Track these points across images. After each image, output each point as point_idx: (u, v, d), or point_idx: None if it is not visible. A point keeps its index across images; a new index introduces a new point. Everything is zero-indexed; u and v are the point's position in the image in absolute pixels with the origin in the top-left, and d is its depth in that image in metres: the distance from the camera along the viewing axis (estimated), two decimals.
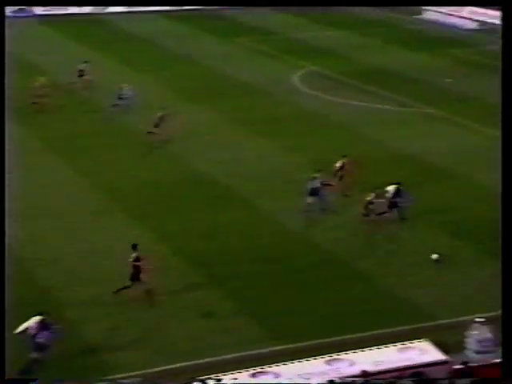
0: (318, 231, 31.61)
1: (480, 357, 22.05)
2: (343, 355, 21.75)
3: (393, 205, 31.48)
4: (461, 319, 24.15)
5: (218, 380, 20.26)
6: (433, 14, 75.10)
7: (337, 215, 32.57)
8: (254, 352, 23.00)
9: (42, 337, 22.09)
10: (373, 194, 31.24)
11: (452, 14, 74.18)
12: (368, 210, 31.14)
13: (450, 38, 67.64)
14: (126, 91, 45.52)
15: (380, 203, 31.21)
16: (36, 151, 40.00)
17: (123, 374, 21.96)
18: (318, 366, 21.22)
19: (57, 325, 22.50)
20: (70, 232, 31.15)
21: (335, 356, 21.73)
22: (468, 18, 73.23)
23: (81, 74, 50.07)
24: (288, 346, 23.24)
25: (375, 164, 36.72)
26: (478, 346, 22.29)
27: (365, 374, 20.66)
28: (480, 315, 23.23)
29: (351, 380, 20.44)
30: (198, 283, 27.20)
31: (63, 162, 38.72)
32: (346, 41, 66.46)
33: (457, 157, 39.00)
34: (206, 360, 22.69)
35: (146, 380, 21.55)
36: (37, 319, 22.25)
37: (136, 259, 25.69)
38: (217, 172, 37.10)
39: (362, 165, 33.94)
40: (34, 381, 19.66)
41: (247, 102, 48.71)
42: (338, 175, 33.74)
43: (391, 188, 31.57)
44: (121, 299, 25.82)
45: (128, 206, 33.49)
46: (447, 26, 71.91)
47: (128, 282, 25.70)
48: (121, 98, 45.43)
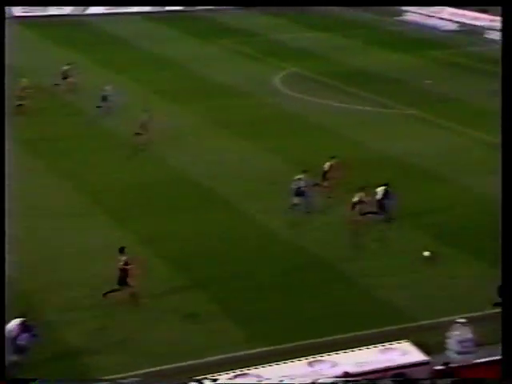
0: (303, 233, 31.73)
1: (461, 357, 22.22)
2: (325, 357, 21.82)
3: (381, 206, 31.72)
4: (442, 320, 24.26)
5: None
6: (413, 15, 75.43)
7: (321, 217, 32.72)
8: (237, 354, 23.06)
9: (23, 339, 22.02)
10: (359, 194, 31.46)
11: (432, 16, 74.58)
12: (357, 210, 31.35)
13: (430, 39, 67.96)
14: (108, 93, 45.45)
15: (367, 204, 31.40)
16: (17, 154, 39.82)
17: (110, 376, 21.98)
18: (300, 368, 21.28)
19: (38, 327, 22.46)
20: (52, 234, 31.12)
21: (318, 357, 21.82)
22: (448, 19, 73.63)
23: (64, 76, 49.95)
24: (271, 348, 23.31)
25: (357, 165, 36.83)
26: (459, 347, 22.42)
27: (347, 376, 20.78)
28: (461, 316, 23.38)
29: (333, 381, 20.56)
30: (181, 286, 27.25)
31: (45, 164, 38.66)
32: (327, 42, 66.64)
33: (439, 158, 39.16)
34: (189, 363, 22.75)
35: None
36: (18, 321, 22.15)
37: (125, 263, 25.71)
38: (199, 174, 37.15)
39: (345, 166, 34.06)
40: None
41: (229, 103, 48.77)
42: (327, 176, 33.96)
43: (380, 189, 31.80)
44: (104, 302, 25.81)
45: (110, 208, 33.49)
46: (427, 28, 72.24)
47: (116, 286, 25.71)
48: (104, 100, 45.37)
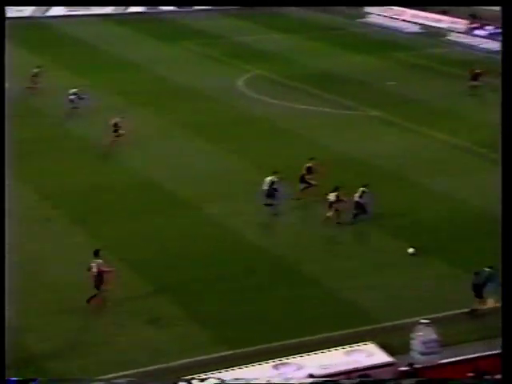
0: (267, 235, 31.77)
1: (425, 358, 22.32)
2: (290, 359, 21.84)
3: (358, 206, 31.89)
4: (406, 321, 24.37)
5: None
6: (376, 17, 75.80)
7: (286, 218, 32.79)
8: (201, 358, 22.98)
9: None
10: (332, 194, 31.58)
11: (395, 18, 75.00)
12: (334, 209, 31.55)
13: (393, 41, 68.32)
14: (74, 95, 45.40)
15: (346, 202, 31.64)
16: None
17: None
18: (265, 371, 21.26)
19: None
20: (12, 239, 30.68)
21: (283, 360, 21.80)
22: (410, 21, 74.08)
23: (33, 79, 49.72)
24: (235, 352, 23.26)
25: (322, 167, 36.89)
26: (423, 348, 22.52)
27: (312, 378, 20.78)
28: (425, 317, 23.48)
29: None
30: (145, 290, 27.06)
31: (6, 167, 38.12)
32: (291, 44, 66.69)
33: (402, 160, 39.34)
34: (155, 367, 22.63)
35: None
36: None
37: (99, 266, 25.52)
38: (163, 177, 36.97)
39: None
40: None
41: (193, 106, 48.60)
42: (309, 178, 34.16)
43: (360, 190, 31.97)
44: (66, 307, 25.63)
45: (72, 212, 33.23)
46: (391, 30, 72.60)
47: (94, 290, 25.54)
48: (72, 101, 45.35)
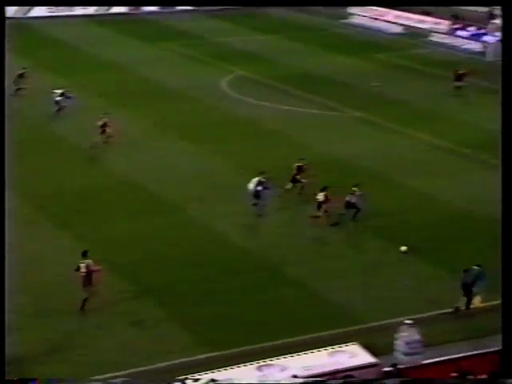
0: (252, 236, 31.72)
1: (409, 358, 22.34)
2: (274, 361, 21.81)
3: (349, 205, 31.99)
4: (389, 321, 24.40)
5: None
6: (359, 18, 75.92)
7: (270, 219, 32.76)
8: (184, 360, 22.91)
9: None
10: (321, 194, 31.60)
11: (378, 19, 75.13)
12: (322, 210, 31.61)
13: (375, 42, 68.40)
14: (59, 97, 45.29)
15: (335, 202, 31.67)
16: None
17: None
18: (248, 372, 21.23)
19: None
20: None
21: (267, 362, 21.77)
22: (393, 22, 74.24)
23: (18, 80, 49.57)
24: (219, 353, 23.20)
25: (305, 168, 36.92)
26: (407, 348, 22.55)
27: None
28: (408, 317, 23.50)
29: None
30: (127, 292, 26.94)
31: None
32: (274, 45, 66.65)
33: (386, 161, 39.36)
34: (139, 369, 22.52)
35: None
36: None
37: (88, 265, 25.38)
38: (147, 178, 36.84)
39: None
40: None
41: (176, 107, 48.49)
42: (300, 177, 34.24)
43: (353, 190, 32.07)
44: (48, 309, 25.48)
45: (55, 213, 33.06)
46: (373, 30, 72.71)
47: (81, 292, 25.37)
48: (57, 103, 45.27)
